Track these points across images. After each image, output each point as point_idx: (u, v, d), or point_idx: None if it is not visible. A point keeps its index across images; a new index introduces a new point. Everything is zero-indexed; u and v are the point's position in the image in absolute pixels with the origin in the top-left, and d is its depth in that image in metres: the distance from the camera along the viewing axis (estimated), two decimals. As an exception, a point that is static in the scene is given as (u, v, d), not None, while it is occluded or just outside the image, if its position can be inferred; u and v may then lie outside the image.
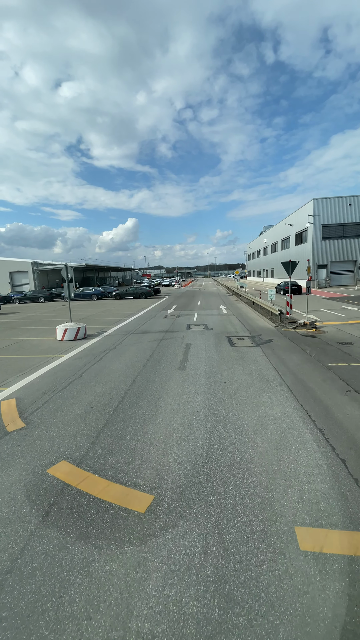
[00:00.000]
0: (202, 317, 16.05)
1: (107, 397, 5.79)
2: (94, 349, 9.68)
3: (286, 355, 8.30)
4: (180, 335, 11.43)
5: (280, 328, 12.21)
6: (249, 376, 6.70)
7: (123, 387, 6.28)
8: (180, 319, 15.47)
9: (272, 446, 3.98)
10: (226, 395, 5.70)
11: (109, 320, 16.22)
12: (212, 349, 9.22)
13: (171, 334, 11.71)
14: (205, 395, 5.70)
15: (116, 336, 11.65)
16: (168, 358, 8.33)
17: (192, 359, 8.12)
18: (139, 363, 7.95)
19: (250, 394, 5.73)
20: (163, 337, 11.06)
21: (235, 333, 11.55)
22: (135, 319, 16.39)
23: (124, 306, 23.78)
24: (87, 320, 16.60)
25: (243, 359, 8.02)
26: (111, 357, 8.67)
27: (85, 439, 4.31)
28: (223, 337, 10.92)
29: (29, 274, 53.07)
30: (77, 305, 26.46)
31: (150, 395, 5.80)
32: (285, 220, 42.07)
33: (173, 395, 5.74)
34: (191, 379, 6.63)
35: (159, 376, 6.86)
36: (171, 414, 5.02)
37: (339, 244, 32.63)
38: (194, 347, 9.40)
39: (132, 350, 9.30)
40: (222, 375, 6.78)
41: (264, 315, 15.47)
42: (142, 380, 6.61)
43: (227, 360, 7.98)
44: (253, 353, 8.62)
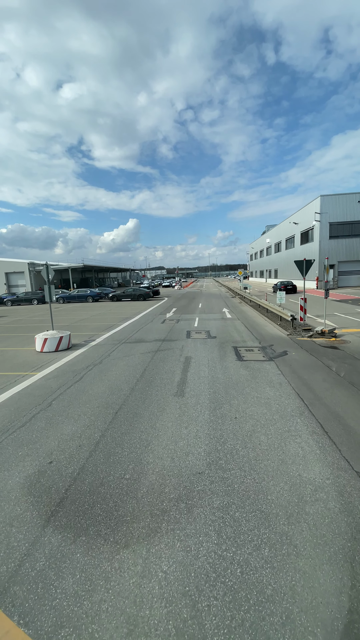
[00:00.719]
0: (204, 322, 14.49)
1: (75, 443, 4.23)
2: (75, 364, 8.13)
3: (308, 375, 6.73)
4: (179, 345, 9.87)
5: (293, 336, 10.63)
6: (266, 407, 5.13)
7: (101, 425, 4.72)
8: (180, 324, 13.91)
9: (323, 555, 2.42)
10: (239, 441, 4.13)
11: (100, 325, 14.67)
12: (217, 364, 7.66)
13: (168, 343, 10.15)
14: (210, 441, 4.13)
15: (105, 346, 10.10)
16: (163, 377, 6.77)
17: (193, 380, 6.56)
18: (127, 385, 6.39)
19: (272, 439, 4.17)
20: (159, 348, 9.50)
21: (242, 342, 9.98)
22: (130, 324, 14.84)
23: (120, 309, 22.23)
24: (77, 325, 15.06)
25: (255, 380, 6.45)
26: (94, 375, 7.12)
27: (22, 535, 2.75)
28: (228, 347, 9.35)
29: (25, 275, 51.64)
30: (70, 308, 24.94)
31: (135, 441, 4.23)
32: (290, 218, 40.49)
33: (166, 442, 4.17)
34: (191, 411, 5.07)
35: (150, 406, 5.30)
36: (161, 478, 3.46)
37: (347, 242, 31.01)
38: (195, 362, 7.84)
39: (120, 366, 7.74)
40: (231, 406, 5.22)
41: (272, 321, 13.89)
42: (127, 414, 5.05)
43: (236, 381, 6.41)
44: (267, 371, 7.05)
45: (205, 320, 14.89)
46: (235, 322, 14.12)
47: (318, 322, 13.26)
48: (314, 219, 30.96)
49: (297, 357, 8.18)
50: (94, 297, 28.62)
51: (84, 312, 21.38)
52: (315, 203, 31.74)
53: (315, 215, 30.75)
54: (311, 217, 32.43)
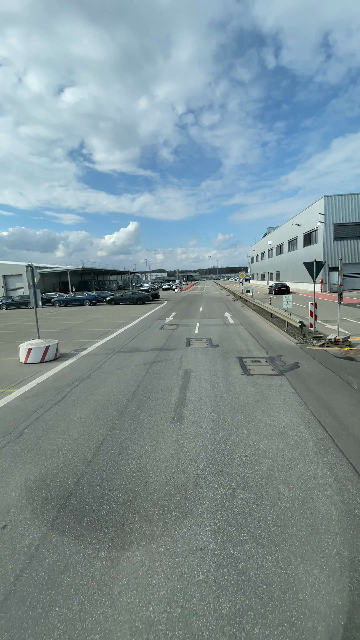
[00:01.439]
0: (205, 327, 13.56)
1: (41, 494, 3.30)
2: (60, 379, 7.20)
3: (327, 394, 5.79)
4: (178, 355, 8.94)
5: (303, 345, 9.69)
6: (282, 440, 4.19)
7: (77, 465, 3.79)
8: (179, 331, 12.98)
9: None
10: (252, 493, 3.20)
11: (94, 332, 13.75)
12: (220, 379, 6.73)
13: (166, 353, 9.22)
14: (214, 494, 3.20)
15: (96, 356, 9.17)
16: (158, 397, 5.84)
17: (193, 400, 5.62)
18: (116, 408, 5.46)
19: (295, 490, 3.23)
20: (155, 359, 8.57)
21: (247, 352, 9.05)
22: (127, 330, 13.92)
23: (117, 313, 21.33)
24: (70, 331, 14.14)
25: (266, 401, 5.51)
26: (79, 394, 6.19)
27: None
28: (232, 358, 8.42)
29: (24, 278, 50.89)
30: (66, 312, 24.06)
31: (118, 492, 3.30)
32: (292, 220, 39.67)
33: (157, 495, 3.23)
34: (190, 445, 4.14)
35: (141, 438, 4.36)
36: (150, 555, 2.53)
37: (352, 244, 30.11)
38: (195, 377, 6.91)
39: (110, 382, 6.81)
40: (239, 438, 4.28)
41: (278, 327, 12.96)
42: (112, 449, 4.12)
43: (243, 402, 5.47)
44: (278, 388, 6.11)
45: (206, 326, 13.96)
46: (239, 328, 13.19)
47: (328, 328, 12.33)
48: (318, 220, 30.11)
49: (311, 370, 7.24)
50: (91, 300, 27.74)
51: (79, 316, 20.47)
52: (319, 204, 30.91)
53: (319, 217, 29.90)
54: (314, 219, 31.58)
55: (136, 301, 27.37)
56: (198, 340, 11.00)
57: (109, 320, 17.80)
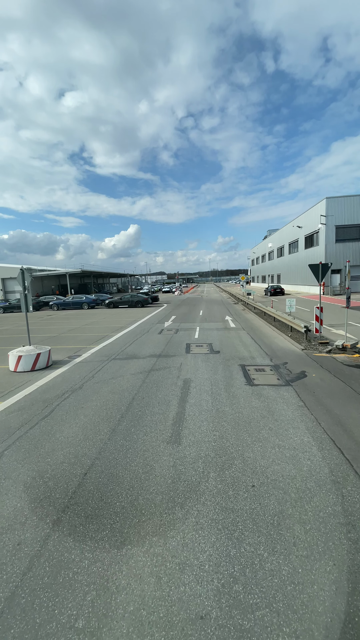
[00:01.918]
0: (206, 332, 13.08)
1: (14, 538, 2.80)
2: (50, 390, 6.71)
3: (339, 408, 5.29)
4: (177, 362, 8.45)
5: (309, 352, 9.20)
6: (293, 466, 3.69)
7: (59, 498, 3.30)
8: (179, 336, 12.50)
9: None
10: (262, 536, 2.70)
11: (90, 337, 13.27)
12: (222, 390, 6.24)
13: (165, 360, 8.74)
14: (217, 538, 2.70)
15: (90, 364, 8.68)
16: (155, 411, 5.35)
17: (192, 415, 5.13)
18: (107, 424, 4.97)
19: (313, 532, 2.73)
20: (153, 367, 8.08)
21: (250, 359, 8.56)
22: (124, 334, 13.44)
23: (115, 317, 20.86)
24: (65, 336, 13.67)
25: (273, 416, 5.02)
26: (69, 407, 5.69)
27: None
28: (235, 366, 7.94)
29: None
30: (63, 315, 23.60)
31: (105, 532, 2.81)
32: (293, 222, 39.32)
33: (149, 544, 2.74)
34: (189, 471, 3.64)
35: (133, 463, 3.87)
36: (139, 627, 2.04)
37: (354, 246, 29.69)
38: (196, 387, 6.42)
39: (103, 394, 6.31)
40: (245, 463, 3.78)
41: (282, 332, 12.48)
42: (100, 476, 3.62)
43: (248, 418, 4.98)
44: (285, 401, 5.62)
45: (206, 331, 13.48)
46: (240, 333, 12.70)
47: (334, 333, 11.85)
48: (320, 222, 29.73)
49: (320, 380, 6.75)
50: (89, 303, 27.28)
51: (76, 320, 20.00)
52: (320, 206, 30.55)
53: (321, 218, 29.51)
54: (316, 221, 31.21)
55: (135, 304, 26.91)
56: (198, 346, 10.52)
57: (107, 324, 17.32)
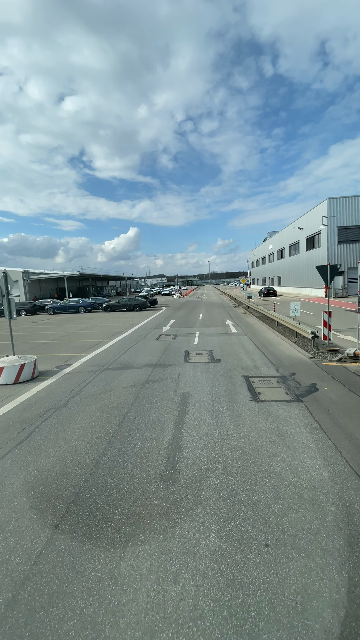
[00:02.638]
0: (205, 338, 12.36)
1: None
2: (30, 408, 5.98)
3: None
4: (175, 373, 7.73)
5: (318, 360, 8.48)
6: (315, 514, 2.96)
7: (19, 563, 2.56)
8: (177, 342, 11.78)
9: None
10: (283, 629, 1.96)
11: (84, 343, 12.54)
12: (224, 408, 5.51)
13: (161, 370, 8.02)
14: (224, 632, 1.97)
15: (80, 375, 7.96)
16: (147, 436, 4.62)
17: (191, 441, 4.40)
18: (90, 453, 4.23)
19: (351, 626, 2.00)
20: (148, 378, 7.36)
21: (254, 369, 7.84)
22: (119, 341, 12.72)
23: (112, 321, 20.15)
24: (58, 343, 12.94)
25: (284, 442, 4.30)
26: (48, 431, 4.96)
27: None
28: (238, 377, 7.22)
29: (20, 284, 49.87)
30: (58, 320, 22.88)
31: (75, 623, 2.08)
32: (294, 223, 38.75)
33: (136, 619, 2.01)
34: (186, 523, 2.91)
35: (118, 509, 3.13)
36: None
37: (357, 248, 29.08)
38: (194, 404, 5.69)
39: (90, 413, 5.58)
40: (255, 508, 3.05)
41: (286, 337, 11.76)
42: (77, 528, 2.88)
43: (256, 445, 4.25)
44: (297, 422, 4.89)
45: (206, 336, 12.76)
46: (242, 339, 11.99)
47: (341, 339, 11.14)
48: (322, 224, 29.12)
49: (333, 395, 6.02)
50: (86, 307, 26.58)
51: (71, 325, 19.28)
52: (322, 206, 29.97)
53: (323, 219, 28.92)
54: (317, 222, 30.62)
55: (133, 308, 26.21)
56: (198, 353, 9.79)
57: (103, 329, 16.60)
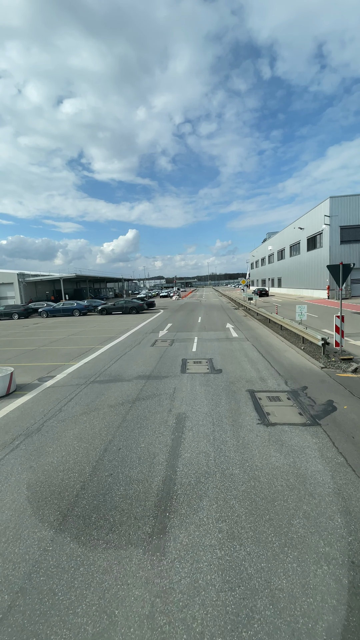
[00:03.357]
0: (205, 344, 11.44)
1: None
2: (-3, 433, 5.04)
3: None
4: (170, 386, 6.82)
5: (331, 371, 7.58)
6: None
7: None
8: (174, 348, 10.87)
9: None
10: None
11: (73, 350, 11.61)
12: (228, 434, 4.59)
13: (155, 383, 7.10)
14: None
15: (63, 390, 7.02)
16: (132, 477, 3.68)
17: (186, 486, 3.47)
18: (57, 504, 3.29)
19: None
20: (139, 394, 6.44)
21: (260, 382, 6.92)
22: (112, 347, 11.79)
23: (106, 325, 19.22)
24: (45, 350, 11.99)
25: (305, 487, 3.37)
26: (10, 469, 4.00)
27: None
28: (242, 392, 6.30)
29: (15, 286, 48.97)
30: (50, 324, 21.92)
31: None
32: (295, 223, 37.97)
33: None
34: (177, 628, 1.98)
35: (79, 609, 2.20)
36: None
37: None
38: (192, 430, 4.77)
39: (66, 442, 4.64)
40: (276, 605, 2.12)
41: (292, 343, 10.85)
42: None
43: (269, 492, 3.32)
44: (317, 456, 3.96)
45: (206, 342, 11.85)
46: (244, 344, 11.07)
47: (352, 344, 10.24)
48: (324, 223, 28.32)
49: (355, 415, 5.10)
50: (81, 310, 25.62)
51: (64, 329, 18.34)
52: (323, 205, 29.17)
53: (325, 219, 28.11)
54: (319, 221, 29.82)
55: (129, 310, 25.27)
56: (196, 362, 8.87)
57: (95, 333, 15.66)
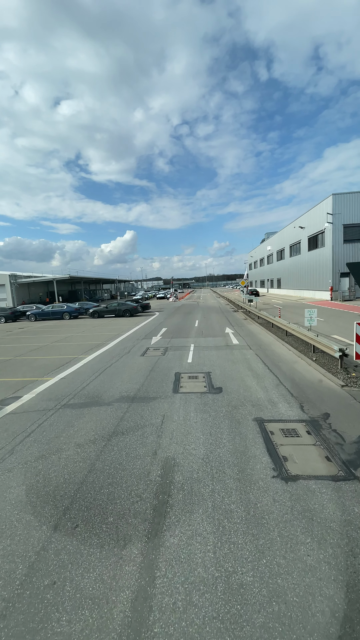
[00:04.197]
0: (202, 353, 10.12)
1: None
2: None
3: None
4: (158, 413, 5.47)
5: (355, 391, 6.26)
6: None
7: None
8: (167, 359, 9.53)
9: None
10: None
11: (52, 361, 10.22)
12: (233, 498, 3.26)
13: (140, 409, 5.75)
14: None
15: (24, 418, 5.64)
16: (84, 596, 2.33)
17: (169, 620, 2.13)
18: None
19: None
20: (117, 426, 5.08)
21: (270, 406, 5.59)
22: (97, 357, 10.43)
23: (96, 329, 17.84)
24: (20, 360, 10.59)
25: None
26: None
27: None
28: (248, 422, 4.97)
29: (6, 288, 47.41)
30: (37, 328, 20.50)
31: None
32: (295, 222, 36.81)
33: None
34: None
35: None
36: None
37: (364, 247, 27.10)
38: (182, 492, 3.42)
39: (2, 510, 3.29)
40: None
41: (301, 352, 9.54)
42: None
43: (304, 620, 1.99)
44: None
45: (203, 350, 10.52)
46: (247, 354, 9.75)
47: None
48: (326, 221, 27.14)
49: None
50: (71, 313, 24.20)
51: (49, 335, 16.94)
52: (326, 203, 28.00)
53: (327, 217, 26.93)
54: (321, 220, 28.65)
55: (123, 313, 23.88)
56: (192, 377, 7.54)
57: (82, 340, 14.28)
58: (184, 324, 18.08)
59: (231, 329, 15.13)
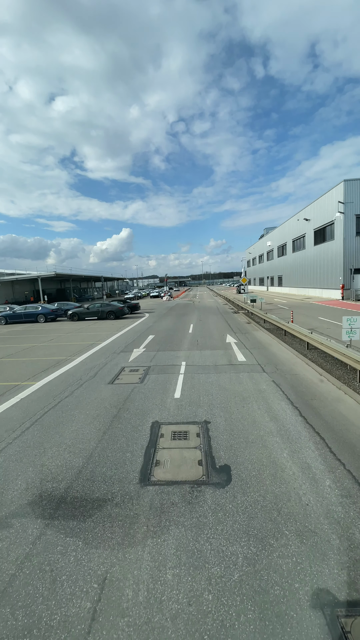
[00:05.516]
0: (196, 378, 7.10)
1: None
2: None
3: None
4: (92, 570, 2.44)
5: None
6: None
7: None
8: (145, 391, 6.50)
9: None
10: None
11: (-18, 391, 7.11)
12: None
13: (62, 542, 2.71)
14: None
15: None
16: None
17: None
18: None
19: None
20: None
21: (324, 518, 2.58)
22: (45, 385, 7.35)
23: (69, 336, 14.72)
24: None
25: None
26: None
27: None
28: (308, 617, 1.95)
29: (-10, 287, 43.93)
30: (2, 334, 17.31)
31: None
32: (298, 215, 33.86)
33: None
34: None
35: None
36: None
37: (379, 240, 24.24)
38: None
39: None
40: None
41: (337, 377, 6.55)
42: None
43: None
44: None
45: (198, 374, 7.50)
46: (261, 381, 6.75)
47: None
48: (337, 211, 24.19)
49: None
50: (47, 315, 20.99)
51: (8, 344, 13.77)
52: (336, 191, 25.06)
53: (339, 206, 23.99)
54: (330, 210, 25.73)
55: (106, 316, 20.72)
56: (178, 436, 4.52)
57: (43, 353, 11.16)
58: (176, 330, 15.02)
59: (233, 338, 12.12)
